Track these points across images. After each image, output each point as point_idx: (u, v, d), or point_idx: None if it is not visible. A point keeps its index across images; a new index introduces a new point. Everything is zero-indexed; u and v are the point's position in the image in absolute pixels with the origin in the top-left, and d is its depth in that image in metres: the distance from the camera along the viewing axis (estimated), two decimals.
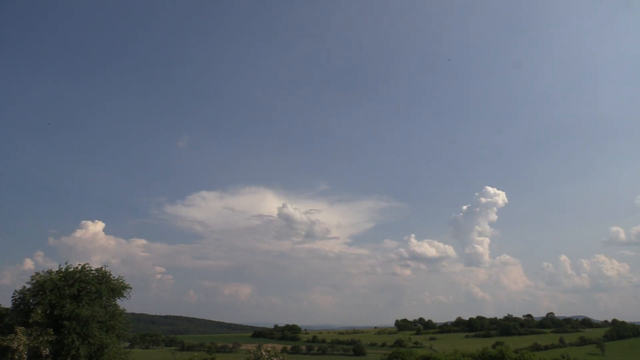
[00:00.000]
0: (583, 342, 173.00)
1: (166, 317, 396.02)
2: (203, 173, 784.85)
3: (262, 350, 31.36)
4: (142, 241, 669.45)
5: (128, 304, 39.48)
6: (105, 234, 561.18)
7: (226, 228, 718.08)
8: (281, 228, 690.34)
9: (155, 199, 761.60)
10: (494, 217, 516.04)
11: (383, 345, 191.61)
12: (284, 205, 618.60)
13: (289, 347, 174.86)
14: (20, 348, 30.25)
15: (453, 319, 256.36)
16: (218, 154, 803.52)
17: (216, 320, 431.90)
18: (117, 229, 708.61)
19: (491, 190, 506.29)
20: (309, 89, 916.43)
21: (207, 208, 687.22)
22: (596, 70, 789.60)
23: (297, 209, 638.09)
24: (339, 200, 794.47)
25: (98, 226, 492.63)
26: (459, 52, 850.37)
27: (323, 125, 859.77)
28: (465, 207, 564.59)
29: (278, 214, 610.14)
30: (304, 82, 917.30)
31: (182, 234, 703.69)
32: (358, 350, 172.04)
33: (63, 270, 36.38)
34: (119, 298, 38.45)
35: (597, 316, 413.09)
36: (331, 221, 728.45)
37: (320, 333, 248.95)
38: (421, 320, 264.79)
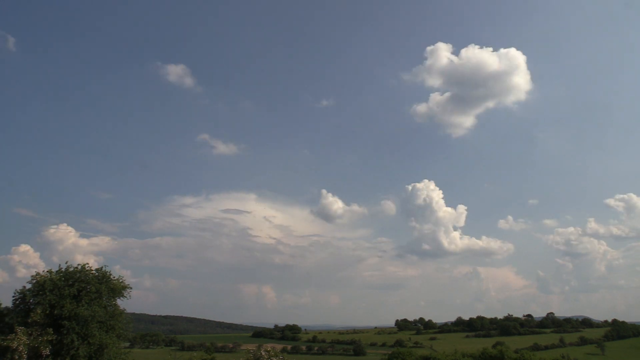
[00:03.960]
0: (583, 342, 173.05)
1: (166, 317, 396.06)
2: (200, 175, 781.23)
3: (262, 350, 31.44)
4: (140, 241, 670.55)
5: (128, 304, 39.51)
6: (102, 234, 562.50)
7: (226, 227, 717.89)
8: (280, 228, 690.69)
9: (150, 198, 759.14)
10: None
11: (383, 345, 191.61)
12: (280, 205, 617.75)
13: (289, 347, 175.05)
14: (20, 348, 30.28)
15: (453, 318, 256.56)
16: (215, 155, 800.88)
17: (216, 320, 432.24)
18: (115, 229, 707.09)
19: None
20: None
21: (205, 208, 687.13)
22: (595, 70, 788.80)
23: (296, 209, 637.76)
24: (338, 200, 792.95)
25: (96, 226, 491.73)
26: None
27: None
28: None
29: (276, 213, 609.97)
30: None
31: (182, 234, 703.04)
32: (358, 350, 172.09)
33: (63, 270, 36.40)
34: (119, 298, 38.52)
35: (597, 316, 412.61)
36: (332, 221, 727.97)
37: (320, 333, 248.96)
38: (421, 320, 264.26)
